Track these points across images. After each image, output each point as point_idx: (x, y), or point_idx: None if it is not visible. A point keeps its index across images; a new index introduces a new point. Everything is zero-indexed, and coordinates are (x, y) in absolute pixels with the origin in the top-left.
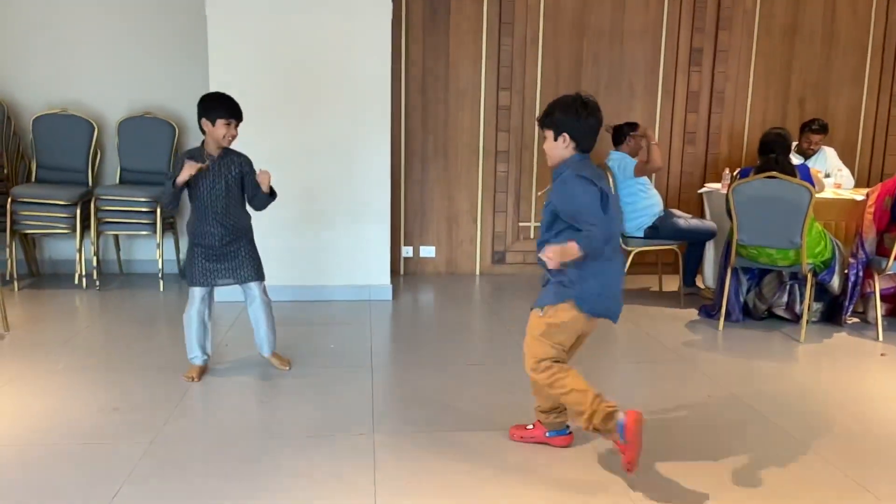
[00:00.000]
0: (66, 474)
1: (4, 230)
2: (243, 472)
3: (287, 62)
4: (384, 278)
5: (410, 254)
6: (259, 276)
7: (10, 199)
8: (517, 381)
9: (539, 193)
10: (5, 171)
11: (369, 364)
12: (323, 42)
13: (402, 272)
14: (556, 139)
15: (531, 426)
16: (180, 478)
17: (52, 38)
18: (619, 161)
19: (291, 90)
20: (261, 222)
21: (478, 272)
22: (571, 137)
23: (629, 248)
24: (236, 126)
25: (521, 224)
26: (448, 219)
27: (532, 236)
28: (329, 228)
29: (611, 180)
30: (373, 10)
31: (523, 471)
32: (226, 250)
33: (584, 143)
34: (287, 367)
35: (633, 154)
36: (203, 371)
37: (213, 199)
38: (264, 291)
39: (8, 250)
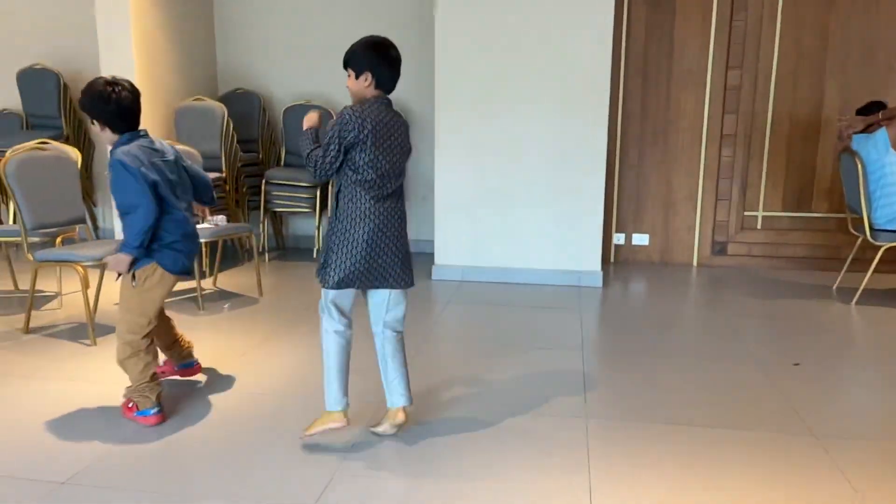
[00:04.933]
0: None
1: (258, 208)
2: (452, 439)
3: (505, 45)
4: (595, 265)
5: (622, 241)
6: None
7: (264, 181)
8: (733, 380)
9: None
10: (260, 156)
11: (580, 350)
12: (542, 24)
13: (613, 259)
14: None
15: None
16: (399, 442)
17: (300, 39)
18: (864, 140)
19: (508, 74)
20: (471, 202)
21: (695, 263)
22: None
23: (878, 243)
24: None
25: (746, 214)
26: (665, 206)
27: (759, 226)
28: (541, 212)
29: (859, 167)
30: None
31: (747, 470)
32: None
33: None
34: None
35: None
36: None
37: None
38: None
39: (262, 226)
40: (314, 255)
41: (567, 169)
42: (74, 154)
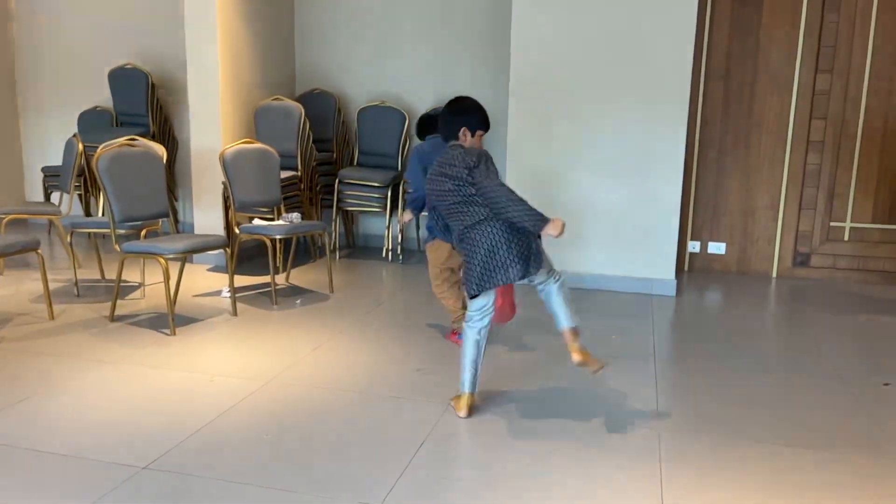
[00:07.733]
0: (378, 421)
1: (331, 206)
2: (524, 446)
3: (580, 44)
4: (668, 273)
5: (697, 249)
6: None
7: (337, 180)
8: (815, 398)
9: None
10: (334, 155)
11: (652, 359)
12: (622, 25)
13: (687, 268)
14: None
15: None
16: (471, 443)
17: (376, 42)
18: None
19: (583, 74)
20: (541, 203)
21: (774, 274)
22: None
23: None
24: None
25: (832, 224)
26: (744, 214)
27: (846, 238)
28: (612, 216)
29: None
30: None
31: (830, 493)
32: None
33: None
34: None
35: None
36: None
37: None
38: None
39: (333, 224)
40: (383, 254)
41: (642, 173)
42: (160, 151)
